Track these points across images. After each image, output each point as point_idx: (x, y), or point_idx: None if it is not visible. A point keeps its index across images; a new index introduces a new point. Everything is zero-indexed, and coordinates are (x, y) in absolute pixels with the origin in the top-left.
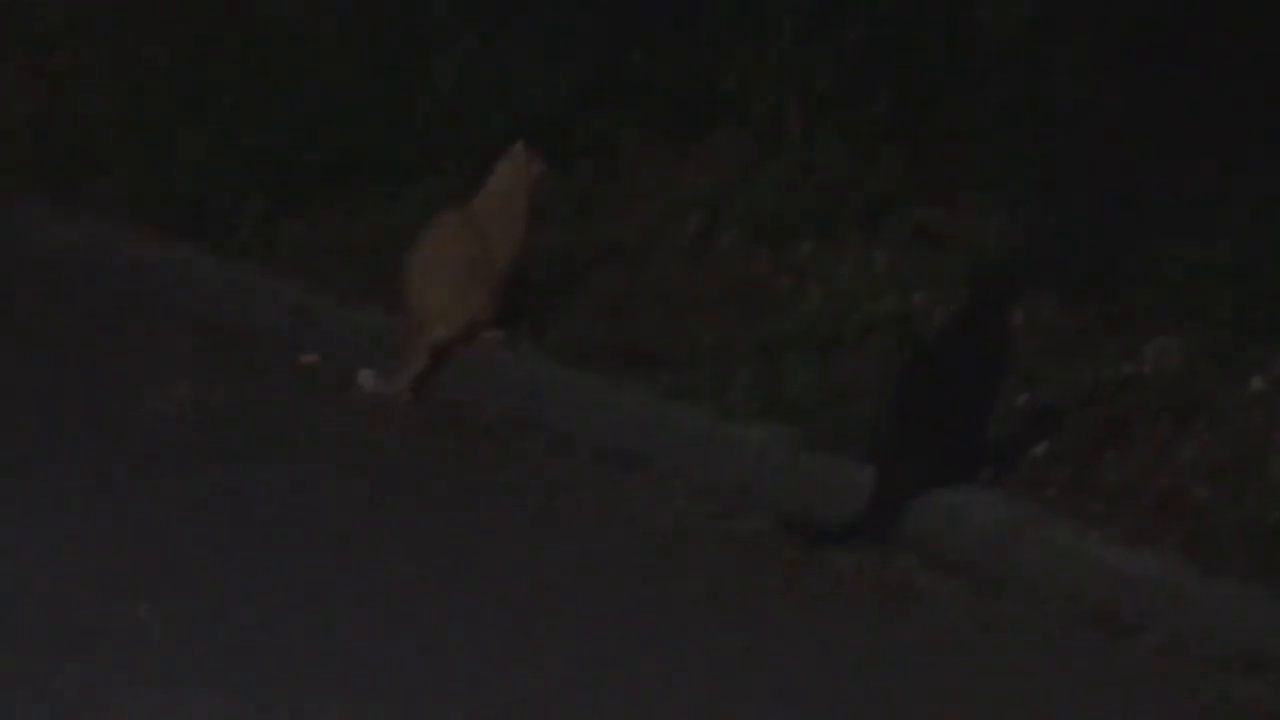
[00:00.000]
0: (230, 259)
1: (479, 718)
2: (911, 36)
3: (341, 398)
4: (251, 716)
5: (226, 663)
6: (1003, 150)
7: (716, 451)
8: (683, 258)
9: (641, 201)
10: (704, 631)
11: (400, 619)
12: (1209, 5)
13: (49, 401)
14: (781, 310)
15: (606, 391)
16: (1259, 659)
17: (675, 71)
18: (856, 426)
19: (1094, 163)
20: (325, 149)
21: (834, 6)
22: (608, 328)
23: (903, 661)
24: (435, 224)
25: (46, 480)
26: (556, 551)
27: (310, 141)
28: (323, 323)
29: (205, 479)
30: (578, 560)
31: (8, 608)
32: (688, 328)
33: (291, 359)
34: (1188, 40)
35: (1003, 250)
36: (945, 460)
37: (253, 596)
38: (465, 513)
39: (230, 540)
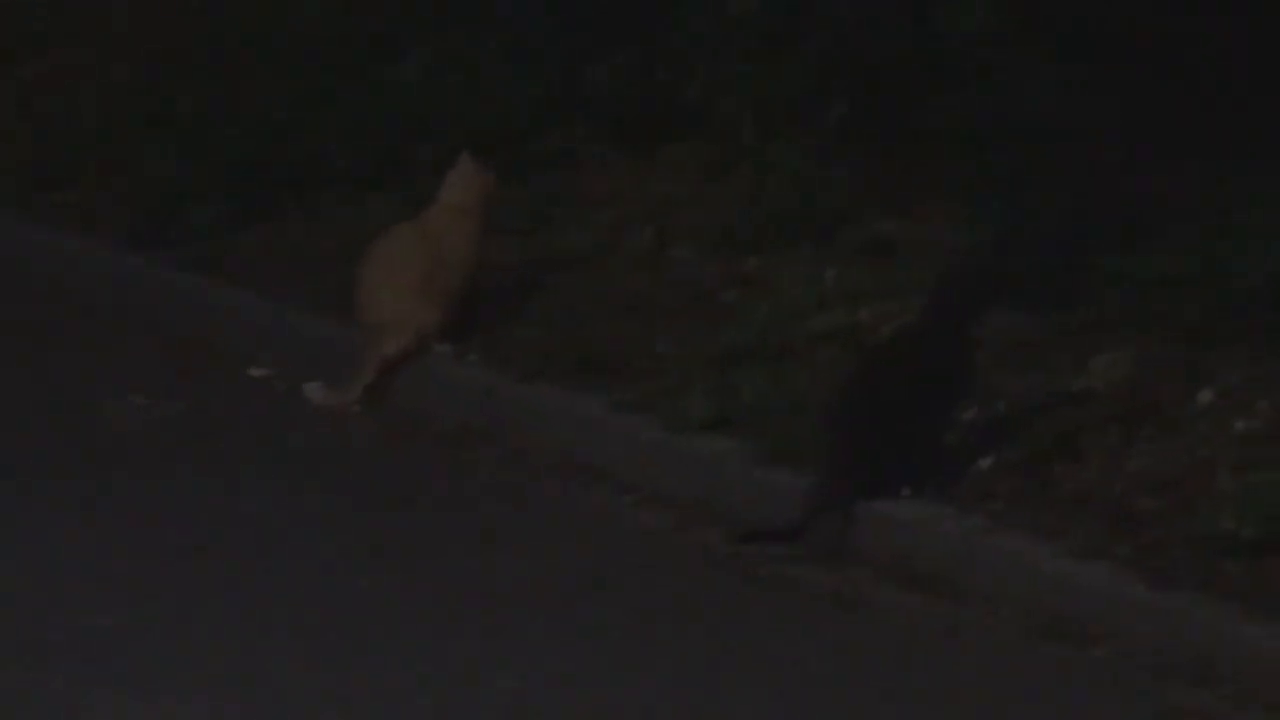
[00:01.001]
0: (189, 269)
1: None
2: (868, 48)
3: (298, 408)
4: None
5: (184, 668)
6: (957, 162)
7: (671, 463)
8: (638, 269)
9: (597, 213)
10: (660, 642)
11: (355, 628)
12: (1166, 17)
13: (5, 409)
14: (735, 322)
15: (561, 402)
16: (1208, 670)
17: (632, 84)
18: (809, 437)
19: (1047, 175)
20: (285, 160)
21: (790, 19)
22: (562, 339)
23: (857, 672)
24: (386, 236)
25: (3, 489)
26: (511, 562)
27: (270, 152)
28: (277, 334)
29: (161, 489)
30: (532, 571)
31: None
32: (642, 339)
33: (244, 368)
34: (1142, 53)
35: (955, 262)
36: (889, 469)
37: (211, 602)
38: (419, 524)
39: (188, 550)
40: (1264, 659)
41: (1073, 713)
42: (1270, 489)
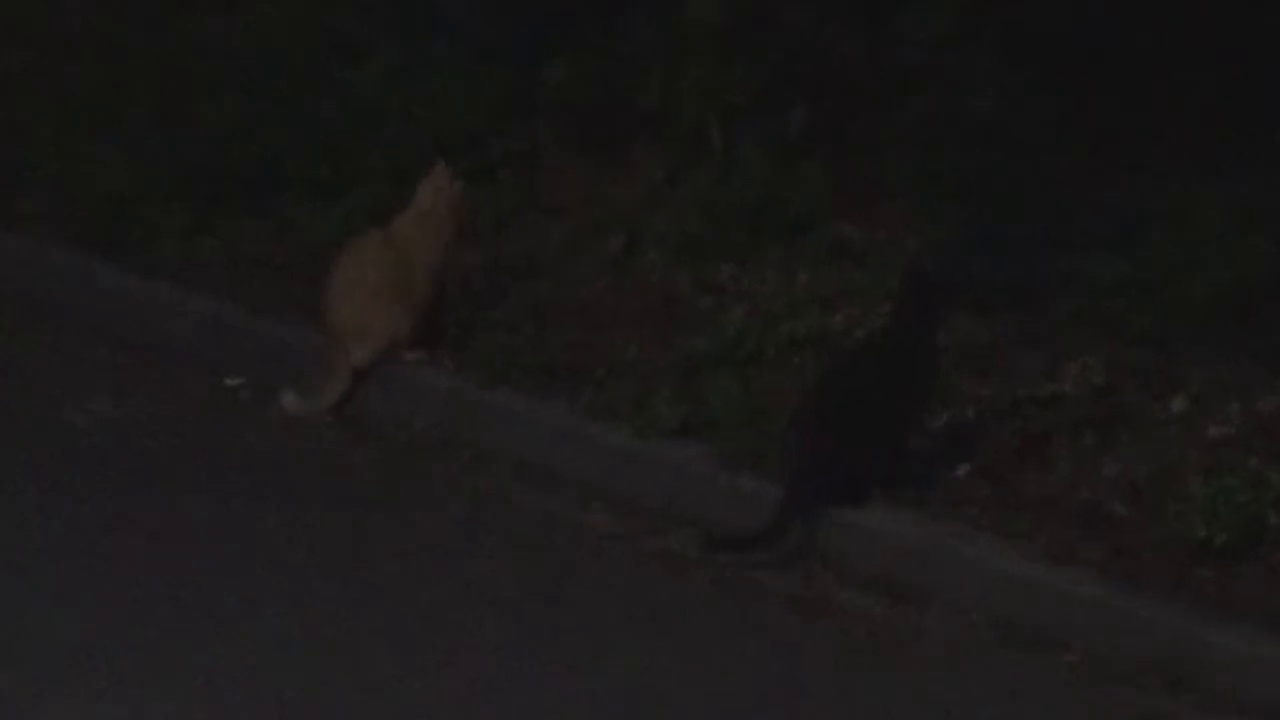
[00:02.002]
0: (150, 274)
1: None
2: (830, 52)
3: (262, 414)
4: None
5: (149, 674)
6: (922, 164)
7: (638, 468)
8: (603, 274)
9: (562, 217)
10: (626, 646)
11: (323, 632)
12: (1127, 19)
13: None
14: (702, 327)
15: (527, 408)
16: (1178, 675)
17: (595, 87)
18: (777, 443)
19: (1013, 176)
20: (245, 164)
21: (753, 22)
22: (529, 344)
23: (821, 678)
24: (355, 243)
25: None
26: (478, 567)
27: (230, 156)
28: (242, 339)
29: (125, 493)
30: (499, 575)
31: None
32: (609, 344)
33: (212, 377)
34: (1106, 54)
35: (921, 265)
36: (856, 474)
37: (175, 609)
38: (386, 528)
39: (152, 555)
40: (1234, 663)
41: (1041, 717)
42: (1241, 494)
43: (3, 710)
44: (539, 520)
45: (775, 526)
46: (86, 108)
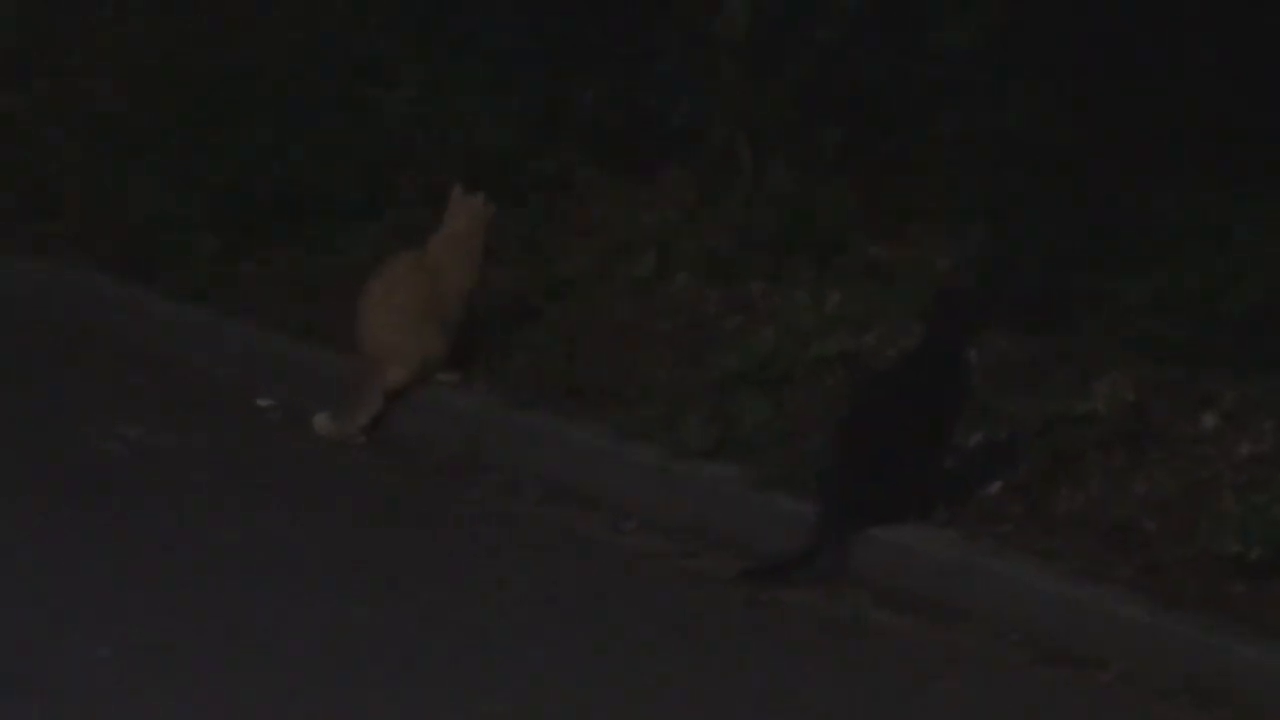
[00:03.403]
0: (183, 299)
1: None
2: (859, 71)
3: (295, 436)
4: None
5: (183, 699)
6: (953, 182)
7: (669, 489)
8: (634, 295)
9: (592, 239)
10: (658, 667)
11: (356, 654)
12: (1160, 37)
13: (4, 440)
14: (733, 348)
15: (558, 429)
16: (1211, 691)
17: (625, 108)
18: (809, 463)
19: (1045, 194)
20: (277, 187)
21: (782, 42)
22: (559, 365)
23: (857, 698)
24: (387, 266)
25: (2, 516)
26: (509, 589)
27: (262, 180)
28: (274, 362)
29: (158, 516)
30: (532, 597)
31: None
32: (640, 365)
33: (245, 400)
34: (1138, 73)
35: (953, 285)
36: (893, 495)
37: (208, 633)
38: (419, 550)
39: (186, 577)
40: (1267, 680)
41: None
42: (1273, 510)
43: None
44: (571, 541)
45: (811, 551)
46: (120, 133)
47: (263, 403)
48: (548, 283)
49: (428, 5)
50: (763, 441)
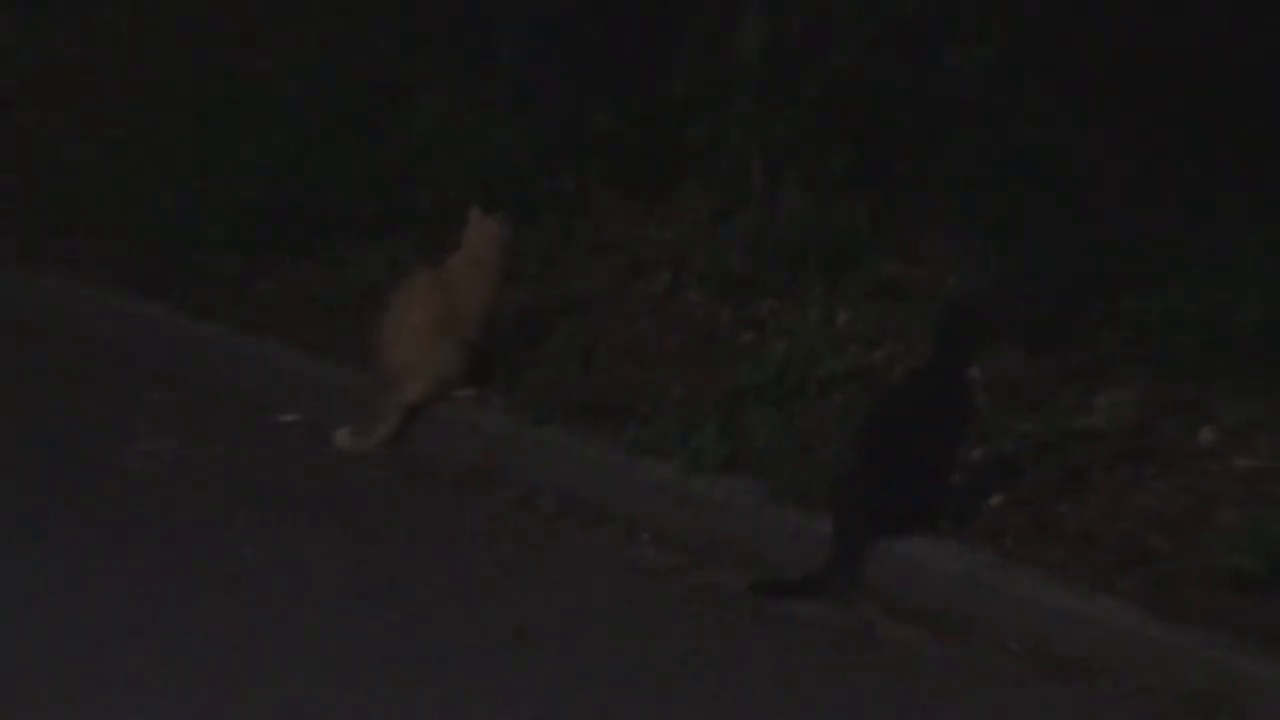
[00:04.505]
0: (203, 316)
1: None
2: (871, 90)
3: (315, 451)
4: None
5: (205, 709)
6: (963, 202)
7: (683, 503)
8: (649, 312)
9: (608, 257)
10: (671, 678)
11: (377, 664)
12: (1166, 57)
13: (28, 457)
14: (746, 364)
15: (574, 444)
16: (1215, 703)
17: (640, 128)
18: (820, 478)
19: (1054, 214)
20: (296, 206)
21: (795, 63)
22: (575, 381)
23: (864, 707)
24: (405, 285)
25: (28, 533)
26: (524, 600)
27: (281, 199)
28: (294, 378)
29: (180, 530)
30: (547, 609)
31: None
32: (654, 381)
33: (266, 415)
34: (1144, 94)
35: (961, 303)
36: (903, 510)
37: (234, 644)
38: (436, 564)
39: (206, 589)
40: (1270, 691)
41: None
42: (1273, 524)
43: None
44: (586, 555)
45: (825, 571)
46: (140, 152)
47: (285, 418)
48: (563, 300)
49: (446, 27)
50: (775, 456)
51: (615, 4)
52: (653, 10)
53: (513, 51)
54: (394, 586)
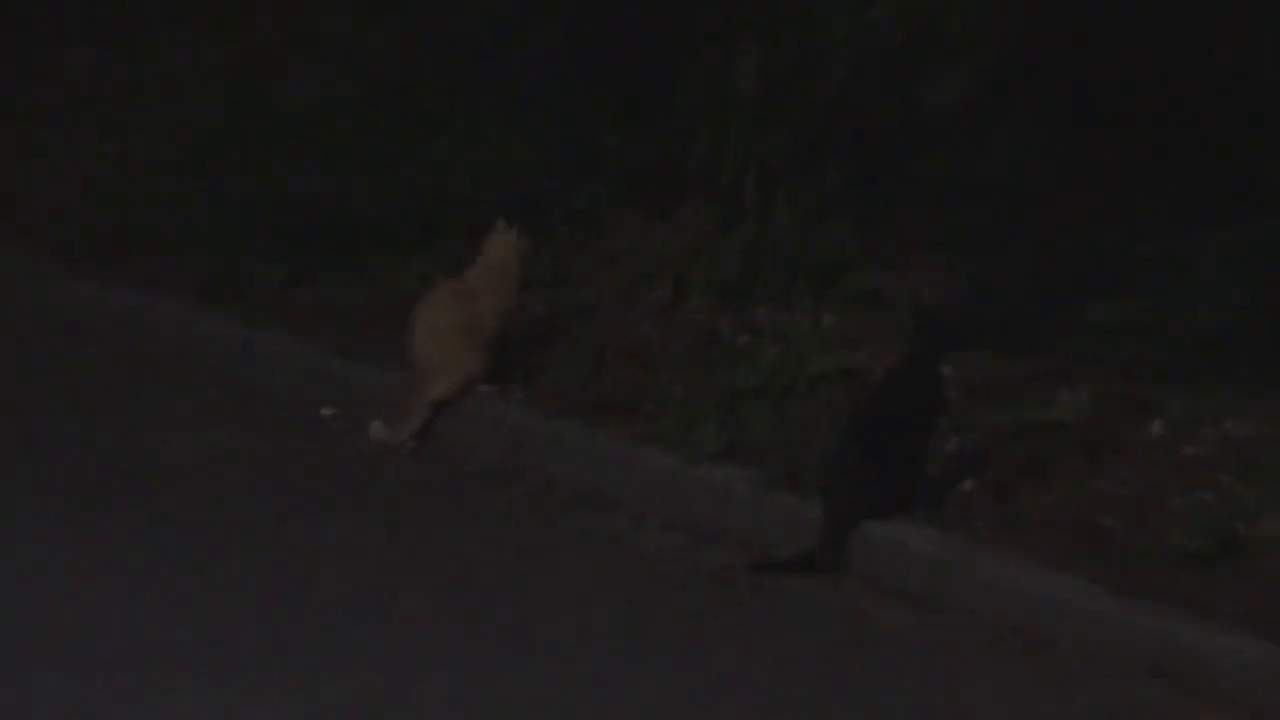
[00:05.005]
0: (252, 323)
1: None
2: (856, 117)
3: (353, 443)
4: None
5: (250, 675)
6: (939, 219)
7: (685, 491)
8: (654, 318)
9: (616, 267)
10: (675, 648)
11: (405, 639)
12: (1126, 90)
13: (93, 448)
14: (742, 364)
15: (585, 438)
16: (1164, 670)
17: (645, 151)
18: (810, 467)
19: (1022, 230)
20: (334, 224)
21: (787, 91)
22: (587, 380)
23: (849, 674)
24: (433, 293)
25: (91, 515)
26: (542, 582)
27: (321, 217)
28: (331, 378)
29: (232, 514)
30: (561, 589)
31: (54, 627)
32: (658, 381)
33: (307, 412)
34: (1107, 123)
35: (935, 310)
36: (885, 495)
37: (272, 616)
38: (461, 547)
39: (254, 566)
40: (1212, 659)
41: (1040, 705)
42: (1216, 508)
43: (114, 712)
44: (597, 539)
45: (815, 552)
46: (198, 176)
47: (326, 412)
48: (576, 306)
49: (473, 59)
50: (768, 447)
51: (624, 41)
52: (658, 45)
53: (533, 85)
54: (421, 567)
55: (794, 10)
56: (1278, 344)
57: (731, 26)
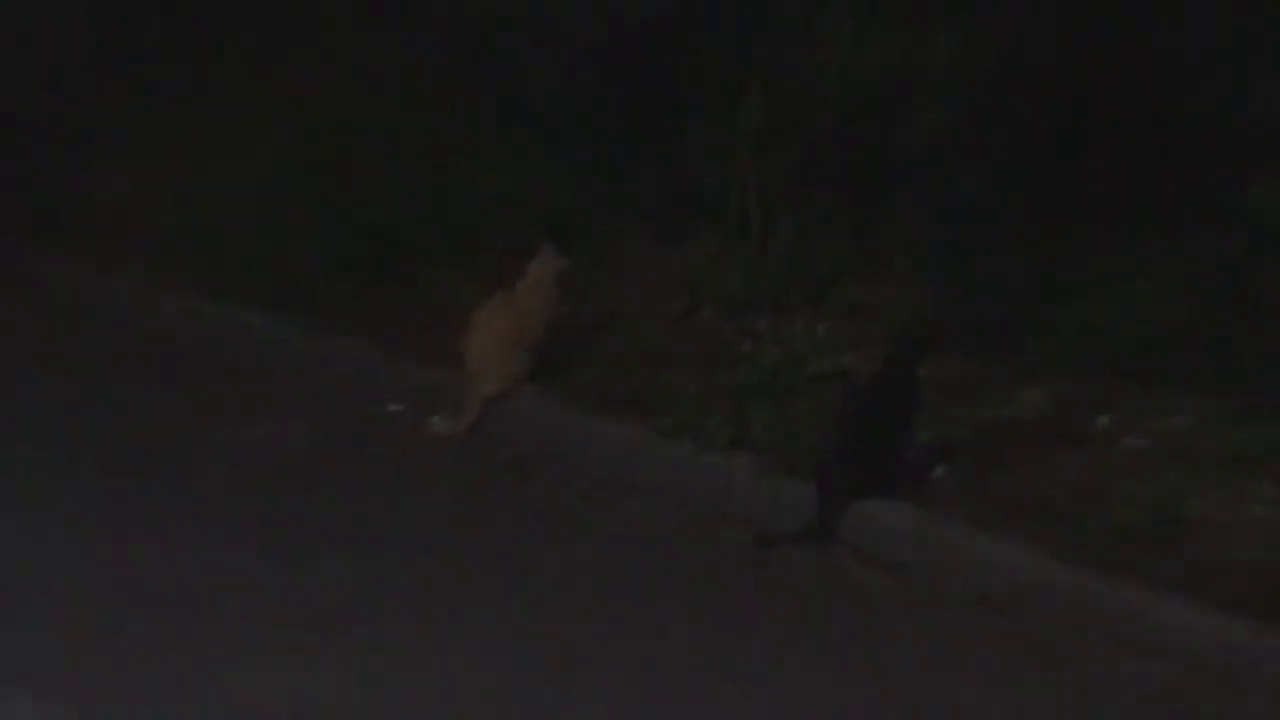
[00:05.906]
0: (318, 329)
1: (509, 680)
2: (847, 150)
3: (416, 435)
4: (334, 678)
5: (312, 653)
6: (918, 238)
7: (697, 476)
8: (669, 327)
9: (637, 283)
10: (689, 618)
11: (445, 609)
12: (1075, 124)
13: (189, 442)
14: (746, 366)
15: (610, 429)
16: (1115, 633)
17: (661, 182)
18: (806, 456)
19: (992, 247)
20: (390, 242)
21: (785, 128)
22: (612, 380)
23: (837, 632)
24: (485, 304)
25: (184, 501)
26: (569, 557)
27: (378, 236)
28: (398, 379)
29: (312, 497)
30: (586, 564)
31: (172, 602)
32: (673, 380)
33: (373, 407)
34: (1069, 149)
35: (913, 318)
36: (870, 479)
37: (329, 586)
38: (497, 526)
39: (324, 542)
40: (1155, 623)
41: (1005, 666)
42: (1158, 490)
43: (193, 677)
44: (618, 519)
45: (811, 527)
46: (267, 201)
47: (392, 408)
48: (604, 316)
49: (512, 95)
50: (769, 438)
51: (643, 87)
52: (673, 90)
53: (564, 120)
54: (461, 543)
55: (793, 57)
56: (1214, 347)
57: (737, 70)
